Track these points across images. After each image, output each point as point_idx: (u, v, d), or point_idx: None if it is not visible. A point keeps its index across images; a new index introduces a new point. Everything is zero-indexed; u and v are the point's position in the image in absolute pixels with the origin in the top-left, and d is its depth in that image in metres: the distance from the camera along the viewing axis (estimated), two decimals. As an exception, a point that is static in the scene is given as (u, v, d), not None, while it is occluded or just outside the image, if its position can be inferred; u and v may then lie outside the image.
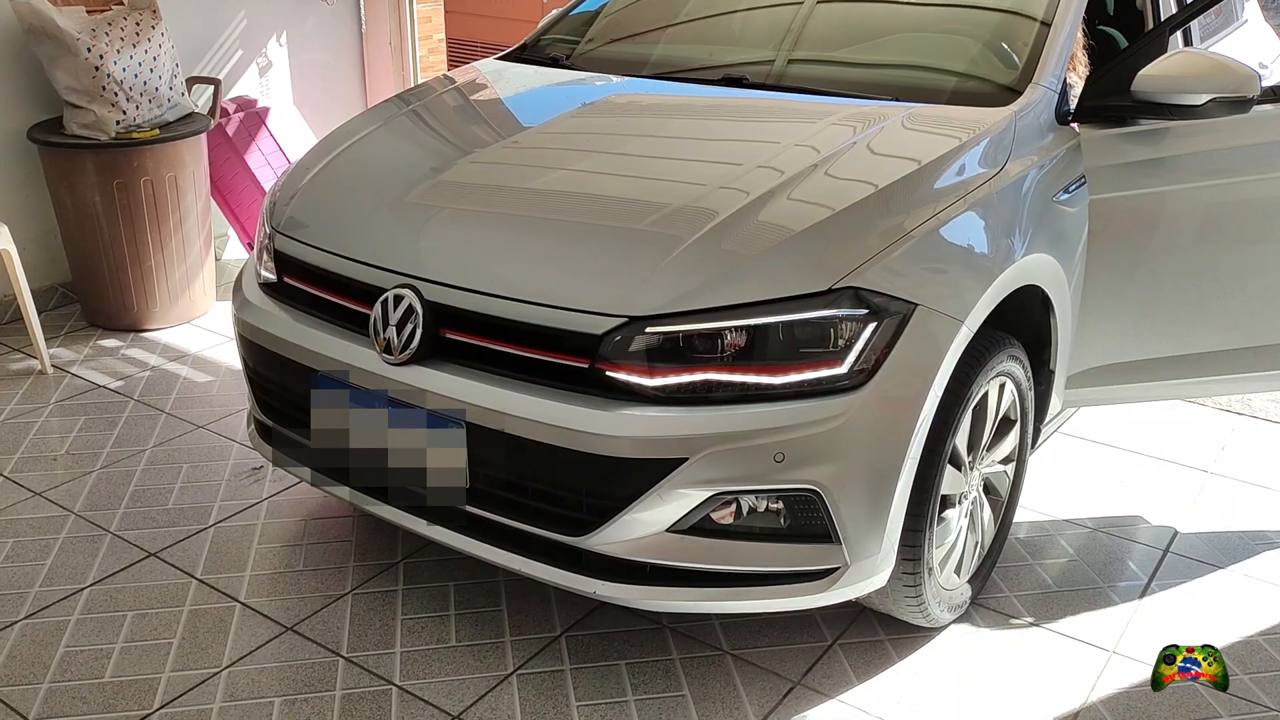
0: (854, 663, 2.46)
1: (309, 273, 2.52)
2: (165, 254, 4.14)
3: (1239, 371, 2.93)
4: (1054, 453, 3.34)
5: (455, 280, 2.25)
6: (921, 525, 2.27)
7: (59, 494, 3.09)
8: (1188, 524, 3.02)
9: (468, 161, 2.73)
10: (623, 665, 2.45)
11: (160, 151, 4.03)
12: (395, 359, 2.24)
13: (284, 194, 2.73)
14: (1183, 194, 2.75)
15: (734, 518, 2.15)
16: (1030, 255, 2.41)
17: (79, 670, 2.42)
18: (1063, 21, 2.73)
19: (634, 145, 2.74)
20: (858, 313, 2.09)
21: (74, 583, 2.71)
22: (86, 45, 3.84)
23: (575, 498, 2.18)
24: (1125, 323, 2.83)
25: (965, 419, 2.33)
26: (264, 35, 5.06)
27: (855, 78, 2.84)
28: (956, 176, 2.37)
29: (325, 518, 2.98)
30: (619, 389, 2.09)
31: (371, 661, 2.45)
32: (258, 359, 2.61)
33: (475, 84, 3.23)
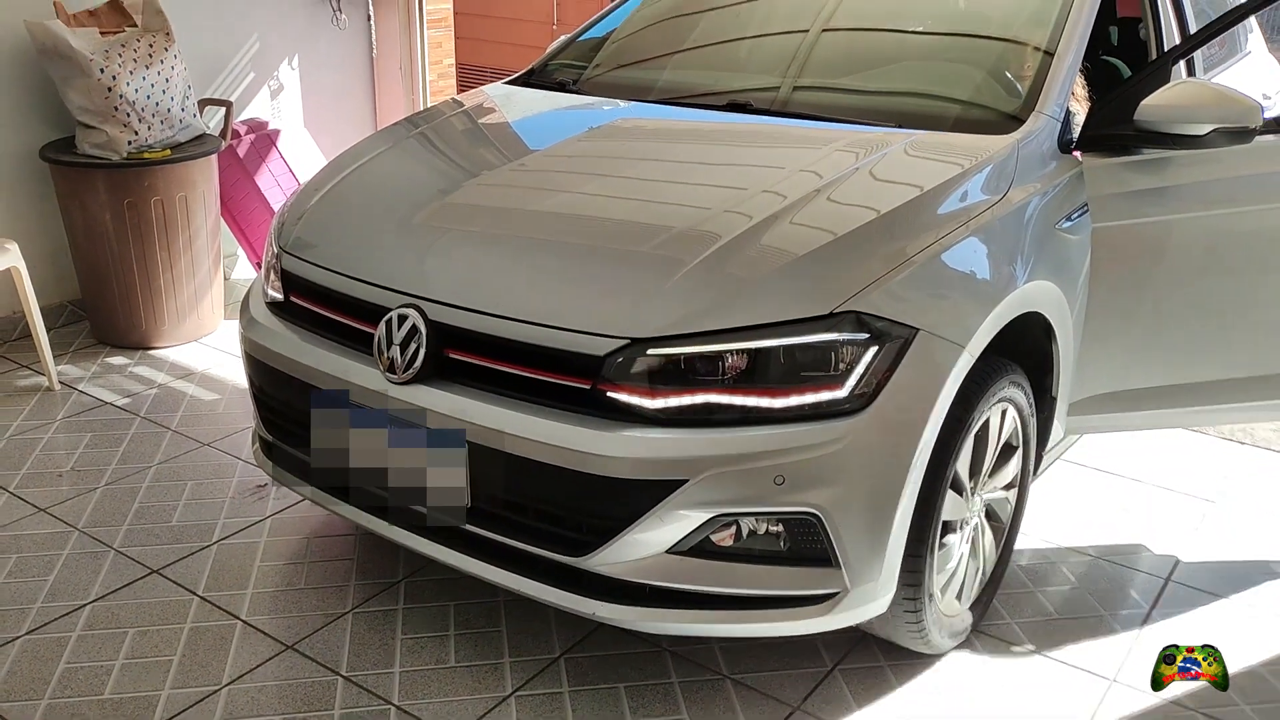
0: (854, 689, 2.46)
1: (315, 292, 2.54)
2: (174, 273, 4.17)
3: (1242, 400, 2.93)
4: (1056, 480, 3.34)
5: (459, 300, 2.26)
6: (923, 551, 2.26)
7: (63, 510, 3.10)
8: (1190, 553, 3.01)
9: (474, 184, 2.75)
10: (622, 688, 2.44)
11: (171, 172, 4.06)
12: (398, 378, 2.25)
13: (292, 214, 2.75)
14: (1185, 223, 2.76)
15: (734, 540, 2.15)
16: (1032, 282, 2.42)
17: (79, 686, 2.42)
18: (1066, 51, 2.75)
19: (639, 169, 2.76)
20: (859, 337, 2.10)
21: (76, 599, 2.72)
22: (100, 66, 3.88)
23: (575, 518, 2.19)
24: (1128, 350, 2.83)
25: (967, 444, 2.33)
26: (276, 58, 5.11)
27: (859, 104, 2.86)
28: (959, 203, 2.38)
29: (327, 536, 2.99)
30: (620, 410, 2.10)
31: (371, 681, 2.45)
32: (263, 377, 2.63)
33: (483, 108, 3.26)
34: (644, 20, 3.55)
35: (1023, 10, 3.01)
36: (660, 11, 3.57)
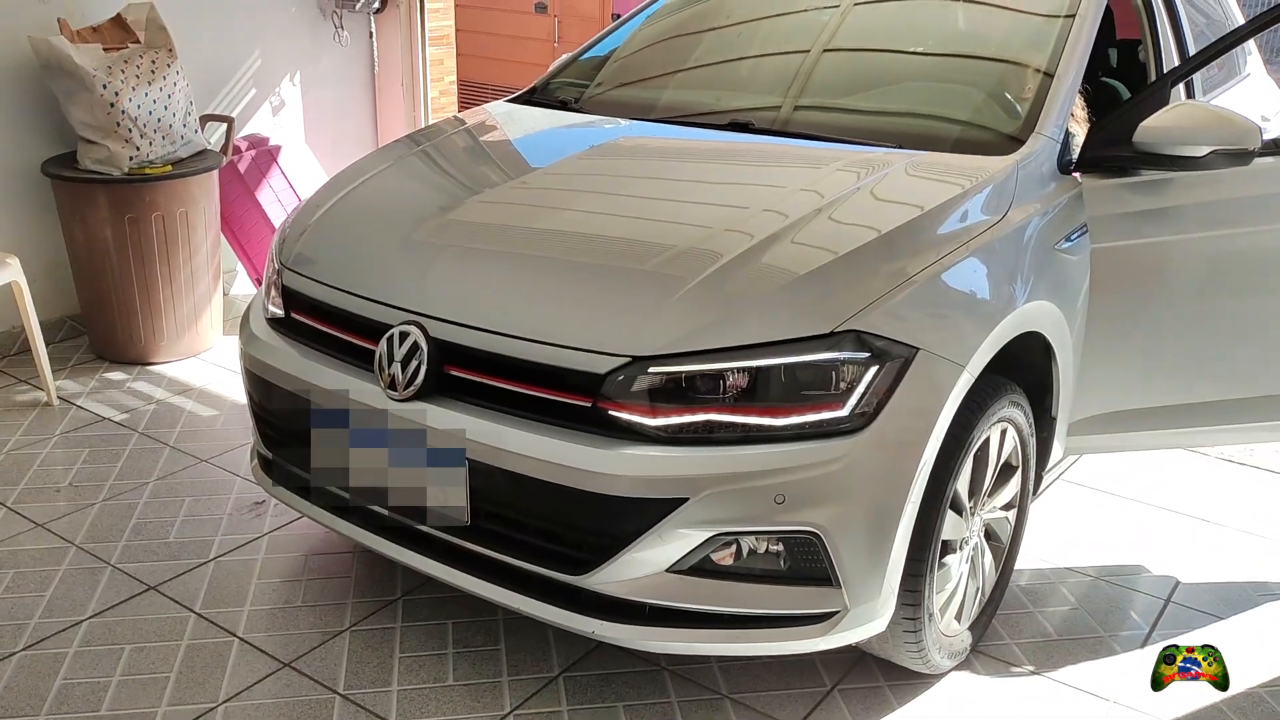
0: (853, 709, 2.45)
1: (316, 308, 2.54)
2: (174, 288, 4.17)
3: (1242, 422, 2.93)
4: (1056, 500, 3.34)
5: (461, 318, 2.26)
6: (922, 570, 2.26)
7: (61, 526, 3.09)
8: (1190, 574, 3.01)
9: (476, 201, 2.76)
10: (620, 707, 2.43)
11: (172, 187, 4.07)
12: (399, 395, 2.25)
13: (293, 230, 2.75)
14: (1185, 244, 2.77)
15: (734, 559, 2.15)
16: (1032, 302, 2.42)
17: (76, 703, 2.41)
18: (1065, 72, 2.76)
19: (640, 187, 2.77)
20: (859, 356, 2.10)
21: (73, 615, 2.70)
22: (102, 82, 3.89)
23: (575, 536, 2.19)
24: (1128, 371, 2.83)
25: (966, 464, 2.33)
26: (278, 75, 5.12)
27: (860, 125, 2.87)
28: (959, 223, 2.39)
29: (326, 553, 2.98)
30: (621, 428, 2.10)
31: (368, 699, 2.44)
32: (262, 393, 2.62)
33: (485, 125, 3.27)
34: (645, 40, 3.57)
35: (1023, 32, 3.03)
36: (662, 31, 3.59)
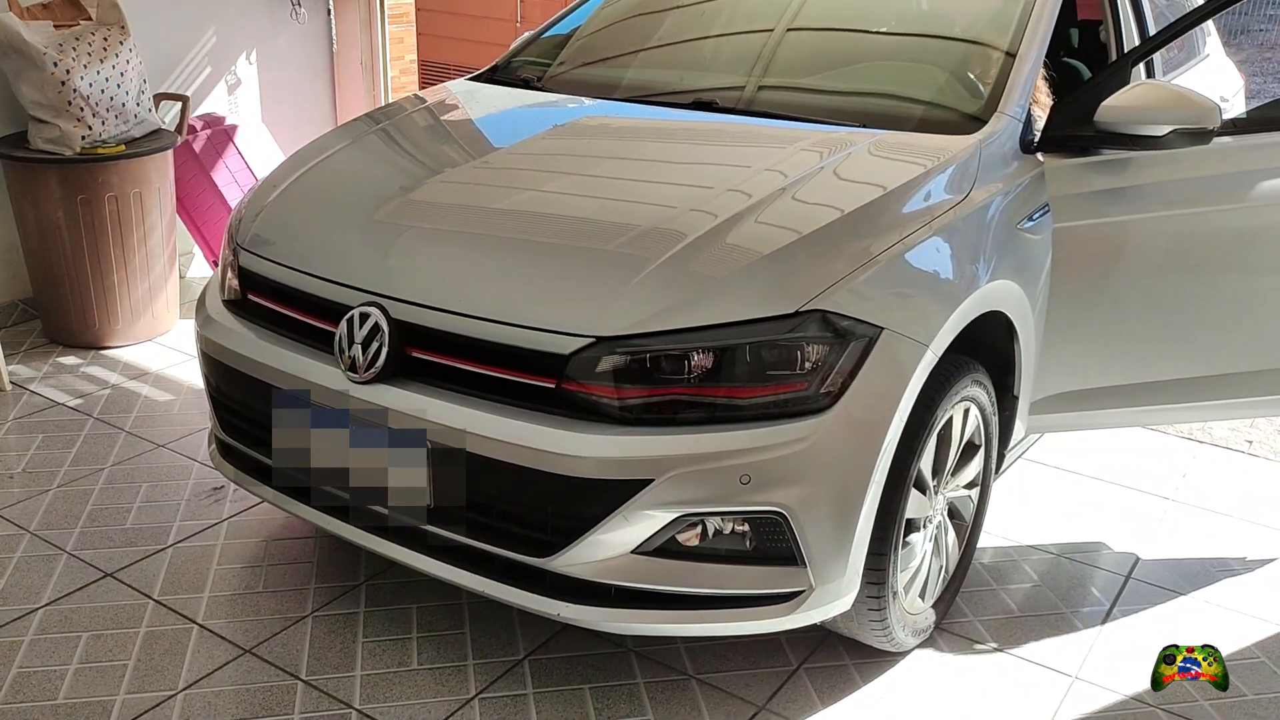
0: (819, 687, 2.46)
1: (274, 290, 2.50)
2: (128, 271, 4.10)
3: (1201, 400, 2.96)
4: (1018, 478, 3.36)
5: (422, 299, 2.23)
6: (886, 549, 2.27)
7: (14, 512, 3.04)
8: (1150, 550, 3.04)
9: (437, 181, 2.72)
10: (586, 690, 2.43)
11: (125, 168, 3.99)
12: (360, 377, 2.22)
13: (250, 210, 2.71)
14: (1145, 223, 2.79)
15: (700, 540, 2.14)
16: (995, 281, 2.43)
17: (32, 692, 2.37)
18: (1028, 52, 2.76)
19: (604, 167, 2.75)
20: (824, 335, 2.09)
21: (28, 603, 2.66)
22: (53, 60, 3.81)
23: (539, 518, 2.17)
24: (1089, 350, 2.85)
25: (930, 443, 2.34)
26: (234, 53, 5.03)
27: (824, 104, 2.86)
28: (922, 202, 2.39)
29: (286, 539, 2.94)
30: (585, 409, 2.09)
31: (331, 685, 2.42)
32: (220, 377, 2.58)
33: (446, 104, 3.23)
34: (608, 18, 3.54)
35: (985, 12, 3.03)
36: (625, 9, 3.56)
